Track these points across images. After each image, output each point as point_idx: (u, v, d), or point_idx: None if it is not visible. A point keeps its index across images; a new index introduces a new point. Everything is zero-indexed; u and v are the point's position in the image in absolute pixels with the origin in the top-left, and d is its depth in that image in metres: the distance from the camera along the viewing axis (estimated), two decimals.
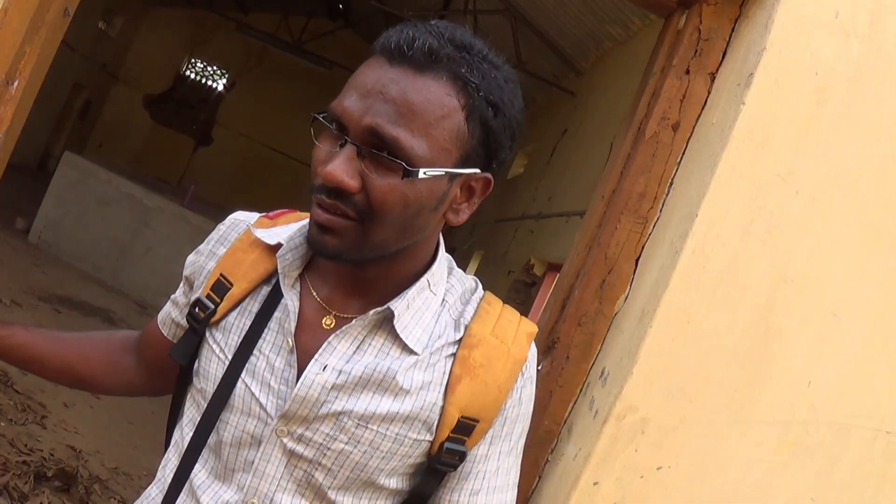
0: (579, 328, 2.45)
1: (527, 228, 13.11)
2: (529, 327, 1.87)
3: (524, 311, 1.39)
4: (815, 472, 2.36)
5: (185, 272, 1.98)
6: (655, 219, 2.45)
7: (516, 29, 14.21)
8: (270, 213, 1.96)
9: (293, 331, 1.73)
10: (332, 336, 1.71)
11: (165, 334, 2.07)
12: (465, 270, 1.92)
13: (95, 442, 7.32)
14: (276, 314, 1.78)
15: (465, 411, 1.74)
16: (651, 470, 2.28)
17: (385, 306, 1.70)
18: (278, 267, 1.76)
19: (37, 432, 7.07)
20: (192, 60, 24.08)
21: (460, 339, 1.78)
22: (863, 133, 2.31)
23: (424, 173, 1.57)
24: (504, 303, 1.88)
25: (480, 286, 1.92)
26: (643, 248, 2.46)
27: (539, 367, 2.41)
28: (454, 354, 1.76)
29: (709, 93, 2.46)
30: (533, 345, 1.87)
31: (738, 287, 2.27)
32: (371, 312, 1.70)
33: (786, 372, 2.31)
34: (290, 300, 1.74)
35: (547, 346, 2.47)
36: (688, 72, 2.44)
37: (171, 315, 2.06)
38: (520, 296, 12.06)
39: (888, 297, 2.35)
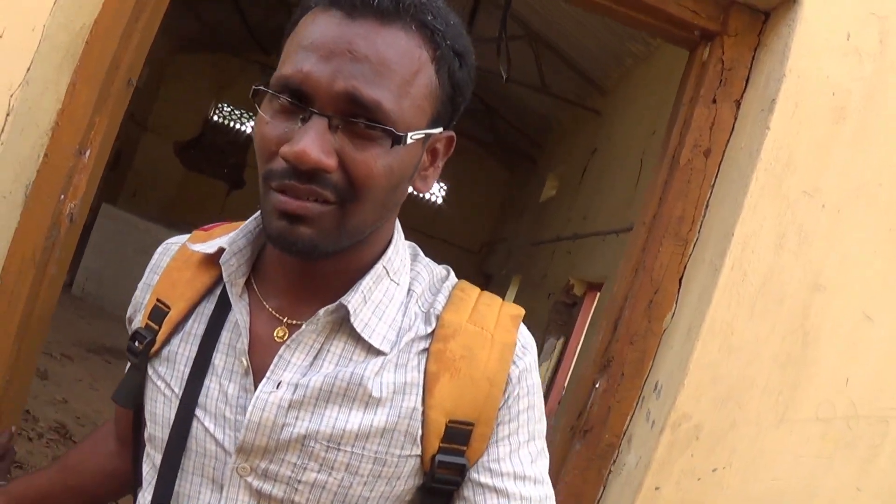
0: (631, 346, 2.62)
1: (563, 250, 13.05)
2: (513, 310, 1.64)
3: (567, 332, 1.38)
4: (859, 464, 2.52)
5: (127, 316, 1.78)
6: (695, 240, 2.62)
7: (538, 53, 14.31)
8: (205, 227, 1.77)
9: (246, 349, 1.51)
10: (283, 348, 1.49)
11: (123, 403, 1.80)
12: (503, 297, 1.77)
13: None
14: (225, 333, 1.55)
15: (452, 415, 1.51)
16: (707, 472, 2.44)
17: (337, 303, 1.47)
18: (223, 274, 1.55)
19: None
20: (219, 105, 24.23)
21: (433, 332, 1.54)
22: (880, 146, 2.48)
23: (411, 138, 1.39)
24: (547, 326, 1.81)
25: (453, 273, 1.71)
26: (685, 267, 2.63)
27: (597, 385, 2.61)
28: (427, 350, 1.53)
29: (735, 119, 2.63)
30: (524, 329, 1.63)
31: (775, 297, 2.44)
32: (322, 312, 1.47)
33: (824, 372, 2.48)
34: (240, 313, 1.53)
35: (602, 364, 2.64)
36: (714, 101, 2.62)
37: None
38: (561, 317, 11.95)
39: None
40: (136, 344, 1.64)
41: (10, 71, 2.35)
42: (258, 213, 1.54)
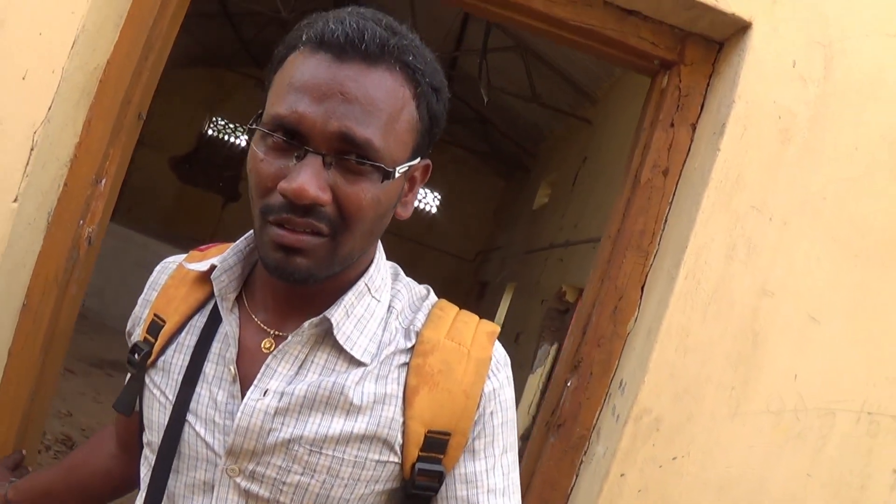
0: (599, 348, 2.84)
1: (556, 257, 12.95)
2: (489, 327, 1.71)
3: (560, 338, 1.46)
4: (808, 453, 2.73)
5: (127, 329, 1.88)
6: (654, 251, 2.85)
7: (529, 63, 14.35)
8: (201, 247, 1.85)
9: (234, 358, 1.59)
10: (270, 358, 1.56)
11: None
12: (498, 303, 1.91)
13: None
14: (215, 344, 1.63)
15: (430, 425, 1.58)
16: (667, 460, 2.66)
17: (321, 316, 1.56)
18: (215, 290, 1.64)
19: None
20: (214, 119, 24.17)
21: (412, 348, 1.63)
22: (823, 164, 2.71)
23: (398, 172, 1.48)
24: (541, 332, 1.88)
25: (433, 293, 1.78)
26: (646, 276, 2.86)
27: (568, 384, 2.82)
28: (407, 364, 1.61)
29: (691, 141, 2.86)
30: (499, 346, 1.72)
31: (727, 302, 2.67)
32: (306, 325, 1.55)
33: (774, 369, 2.70)
34: (230, 325, 1.61)
35: (573, 365, 2.85)
36: (672, 125, 2.84)
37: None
38: (554, 323, 11.85)
39: (856, 300, 2.73)
40: (135, 356, 1.72)
41: (33, 110, 2.53)
42: (249, 233, 1.67)
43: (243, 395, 1.57)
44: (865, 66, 2.75)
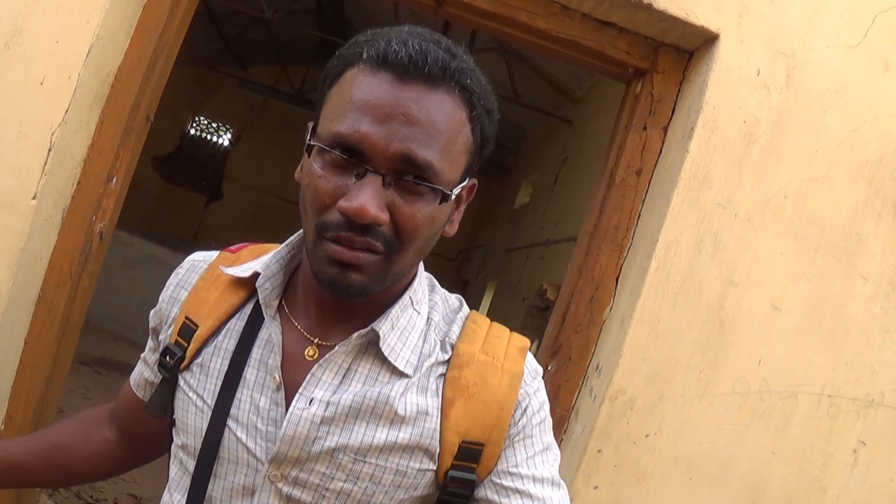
0: (577, 335, 3.04)
1: (537, 255, 12.88)
2: (520, 342, 1.72)
3: (540, 335, 1.49)
4: (772, 431, 2.94)
5: (151, 324, 1.83)
6: (628, 245, 3.06)
7: (510, 64, 14.31)
8: (231, 248, 1.82)
9: (279, 366, 1.58)
10: (316, 367, 1.56)
11: (142, 397, 1.93)
12: (480, 302, 1.94)
13: (153, 489, 7.67)
14: (256, 350, 1.61)
15: (465, 436, 1.59)
16: (641, 437, 2.86)
17: (368, 328, 1.55)
18: (259, 297, 1.62)
19: (99, 484, 7.43)
20: (197, 118, 24.02)
21: (448, 360, 1.63)
22: (785, 164, 2.92)
23: (454, 193, 1.49)
24: (522, 329, 1.88)
25: (465, 305, 1.78)
26: (621, 268, 3.06)
27: (549, 368, 3.01)
28: (444, 376, 1.61)
29: (663, 143, 3.07)
30: (532, 358, 1.74)
31: (695, 292, 2.87)
32: (354, 336, 1.55)
33: (739, 354, 2.91)
34: (274, 333, 1.60)
35: (553, 350, 3.04)
36: (645, 128, 3.05)
37: (144, 375, 1.92)
38: (535, 321, 11.63)
39: (816, 290, 2.94)
40: (167, 359, 1.70)
41: (51, 113, 2.69)
42: (290, 240, 1.70)
43: (287, 402, 1.56)
44: (826, 75, 2.96)
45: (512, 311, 13.16)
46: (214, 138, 24.17)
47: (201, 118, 24.17)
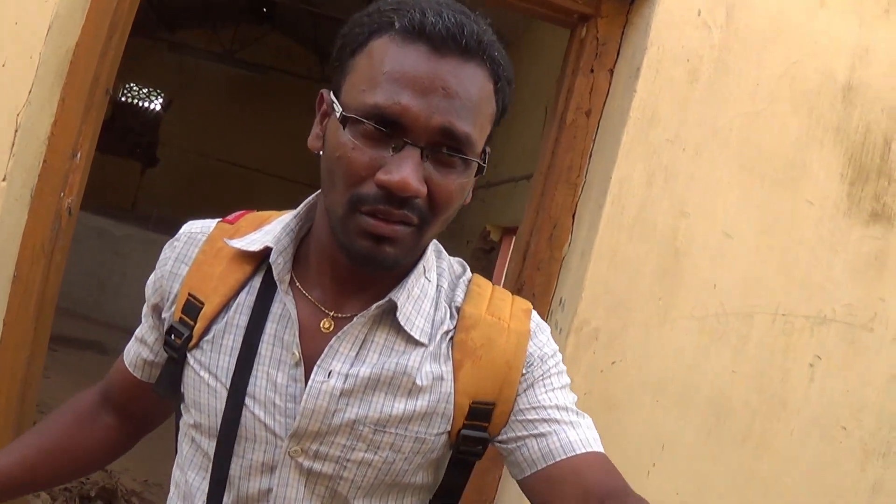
0: (538, 272, 3.21)
1: (478, 198, 12.59)
2: (524, 304, 1.74)
3: (487, 277, 1.55)
4: (732, 351, 3.15)
5: (151, 302, 1.80)
6: (582, 184, 3.24)
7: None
8: (229, 218, 1.79)
9: (298, 342, 1.57)
10: (334, 339, 1.55)
11: (140, 377, 1.89)
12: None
13: (122, 461, 7.57)
14: (269, 325, 1.60)
15: (475, 397, 1.61)
16: (607, 365, 3.04)
17: (386, 298, 1.56)
18: (273, 273, 1.60)
19: None
20: (128, 85, 23.75)
21: (456, 324, 1.64)
22: (728, 99, 3.11)
23: (483, 162, 1.51)
24: None
25: (468, 269, 1.79)
26: (576, 206, 3.24)
27: None
28: (451, 339, 1.62)
29: (609, 85, 3.24)
30: (537, 316, 1.75)
31: (649, 224, 3.05)
32: (373, 307, 1.55)
33: (695, 280, 3.10)
34: (291, 308, 1.59)
35: (516, 289, 3.20)
36: (592, 70, 3.22)
37: (142, 355, 1.88)
38: (480, 263, 11.96)
39: (765, 216, 3.14)
40: (173, 338, 1.67)
41: (15, 94, 2.75)
42: (298, 211, 1.68)
43: (305, 377, 1.56)
44: (764, 13, 3.16)
45: (456, 255, 13.08)
46: (146, 104, 23.95)
47: (132, 85, 23.92)
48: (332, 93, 1.51)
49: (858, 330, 3.28)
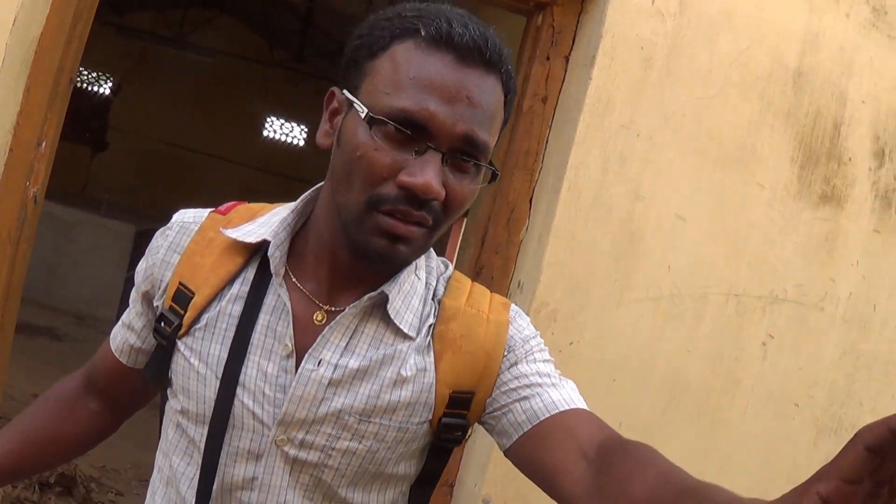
0: (497, 255, 3.31)
1: None
2: (503, 299, 1.77)
3: (439, 252, 1.58)
4: (686, 331, 3.27)
5: (141, 289, 1.82)
6: (539, 169, 3.34)
7: None
8: (220, 208, 1.80)
9: (292, 334, 1.61)
10: (327, 329, 1.59)
11: (126, 363, 1.92)
12: None
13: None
14: (263, 316, 1.64)
15: (455, 386, 1.65)
16: (566, 346, 3.15)
17: (379, 290, 1.60)
18: (271, 266, 1.62)
19: None
20: (77, 70, 23.46)
21: (436, 316, 1.68)
22: (681, 85, 3.24)
23: (498, 172, 1.57)
24: None
25: (451, 266, 1.82)
26: (533, 190, 3.33)
27: None
28: (433, 331, 1.66)
29: (565, 72, 3.34)
30: (516, 307, 1.79)
31: (605, 208, 3.16)
32: (365, 298, 1.59)
33: (650, 262, 3.22)
34: (287, 301, 1.62)
35: (476, 272, 3.30)
36: (548, 58, 3.32)
37: (130, 342, 1.90)
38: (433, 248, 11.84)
39: (717, 199, 3.27)
40: (163, 325, 1.71)
41: None
42: (294, 206, 1.70)
43: (297, 368, 1.60)
44: (715, 1, 3.27)
45: None
46: (95, 88, 23.73)
47: (81, 69, 23.59)
48: (346, 91, 1.56)
49: (809, 309, 3.42)
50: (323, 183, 1.68)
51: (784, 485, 0.99)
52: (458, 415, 1.66)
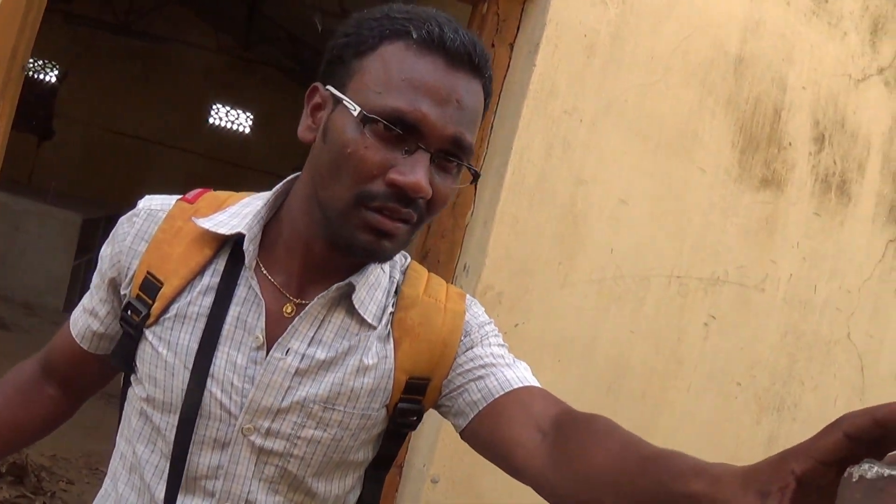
0: (443, 239, 3.39)
1: None
2: (459, 290, 1.82)
3: None
4: (629, 312, 3.38)
5: (108, 275, 1.80)
6: (484, 154, 3.43)
7: None
8: (188, 196, 1.79)
9: (263, 327, 1.63)
10: (296, 319, 1.63)
11: (88, 348, 1.92)
12: None
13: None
14: (234, 307, 1.65)
15: (411, 373, 1.70)
16: (511, 327, 3.24)
17: (346, 281, 1.63)
18: (245, 259, 1.64)
19: None
20: (29, 57, 23.30)
21: (395, 304, 1.72)
22: (624, 72, 3.34)
23: (479, 173, 1.62)
24: None
25: (409, 257, 1.86)
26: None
27: None
28: (392, 318, 1.71)
29: (510, 59, 3.43)
30: (471, 298, 1.84)
31: (549, 192, 3.26)
32: (333, 287, 1.62)
33: (593, 245, 3.31)
34: (259, 293, 1.64)
35: (422, 256, 3.38)
36: (493, 45, 3.41)
37: (92, 328, 1.89)
38: None
39: (659, 183, 3.38)
40: (130, 314, 1.70)
41: None
42: (267, 199, 1.71)
43: (266, 357, 1.63)
44: None
45: None
46: (41, 76, 23.63)
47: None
48: (331, 88, 1.58)
49: (750, 290, 3.55)
50: (296, 175, 1.72)
51: (727, 462, 1.08)
52: (413, 400, 1.71)
